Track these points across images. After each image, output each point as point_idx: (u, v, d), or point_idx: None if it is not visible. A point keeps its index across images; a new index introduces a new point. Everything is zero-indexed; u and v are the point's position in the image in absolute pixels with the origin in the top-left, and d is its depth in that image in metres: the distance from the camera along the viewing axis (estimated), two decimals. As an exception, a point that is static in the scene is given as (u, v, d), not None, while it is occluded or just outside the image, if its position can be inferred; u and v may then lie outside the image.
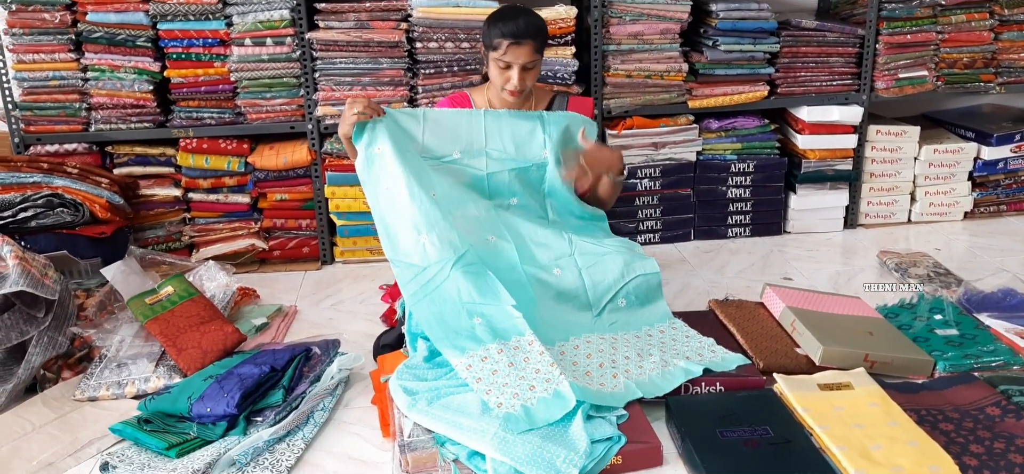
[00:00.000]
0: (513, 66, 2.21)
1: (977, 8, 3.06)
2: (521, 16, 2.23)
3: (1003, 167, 3.21)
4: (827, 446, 1.70)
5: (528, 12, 2.26)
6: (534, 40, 2.21)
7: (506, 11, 2.27)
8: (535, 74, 2.29)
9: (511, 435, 1.69)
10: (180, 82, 2.85)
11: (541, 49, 2.26)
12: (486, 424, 1.72)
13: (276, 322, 2.53)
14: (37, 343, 2.18)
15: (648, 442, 1.75)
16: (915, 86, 3.09)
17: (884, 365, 2.03)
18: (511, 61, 2.21)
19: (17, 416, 2.04)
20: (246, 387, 1.93)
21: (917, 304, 2.37)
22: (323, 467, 1.82)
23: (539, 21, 2.27)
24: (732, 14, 2.94)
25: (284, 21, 2.78)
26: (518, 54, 2.19)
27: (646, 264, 2.26)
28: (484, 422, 1.73)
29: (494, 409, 1.77)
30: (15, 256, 2.26)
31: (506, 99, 2.32)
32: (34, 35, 2.76)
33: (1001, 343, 2.12)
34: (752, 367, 2.04)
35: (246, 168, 2.93)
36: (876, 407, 1.82)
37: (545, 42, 2.29)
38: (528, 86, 2.28)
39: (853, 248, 3.05)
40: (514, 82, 2.23)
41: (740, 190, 3.11)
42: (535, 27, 2.23)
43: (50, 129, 2.86)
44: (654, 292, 2.27)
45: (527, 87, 2.28)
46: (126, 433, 1.91)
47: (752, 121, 3.08)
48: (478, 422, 1.74)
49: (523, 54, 2.20)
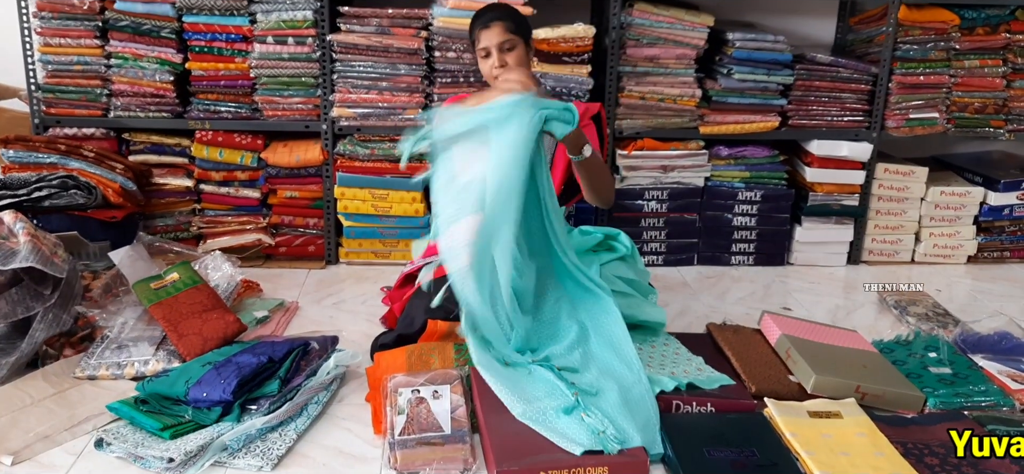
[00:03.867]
0: (491, 51, 2.25)
1: (991, 55, 3.08)
2: (491, 6, 2.34)
3: (1009, 213, 3.22)
4: (812, 471, 1.71)
5: (498, 2, 2.37)
6: (502, 21, 2.25)
7: (479, 9, 2.36)
8: (517, 56, 2.26)
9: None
10: (200, 75, 2.91)
11: (517, 31, 2.26)
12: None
13: (277, 316, 2.56)
14: (42, 319, 2.22)
15: (635, 456, 1.77)
16: (925, 127, 3.10)
17: (875, 398, 2.03)
18: (487, 45, 2.25)
19: (17, 389, 2.08)
20: (243, 375, 1.96)
21: (913, 341, 2.37)
22: (313, 458, 1.84)
23: (508, 6, 2.35)
24: (748, 44, 2.97)
25: (307, 21, 2.84)
26: (489, 36, 2.24)
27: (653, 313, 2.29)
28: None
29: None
30: (27, 233, 2.30)
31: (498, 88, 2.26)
32: (62, 19, 2.83)
33: (992, 384, 2.12)
34: (741, 389, 2.05)
35: (259, 164, 2.98)
36: (863, 437, 1.83)
37: (520, 24, 2.28)
38: (512, 64, 2.25)
39: (855, 284, 3.06)
40: (494, 61, 2.24)
41: (746, 218, 3.13)
42: (503, 9, 2.30)
43: (70, 112, 2.93)
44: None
45: (511, 66, 2.24)
46: (122, 412, 1.93)
47: (762, 151, 3.11)
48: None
49: (495, 34, 2.23)
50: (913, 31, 3.01)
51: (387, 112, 2.94)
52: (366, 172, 2.96)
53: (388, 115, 2.95)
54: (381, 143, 2.96)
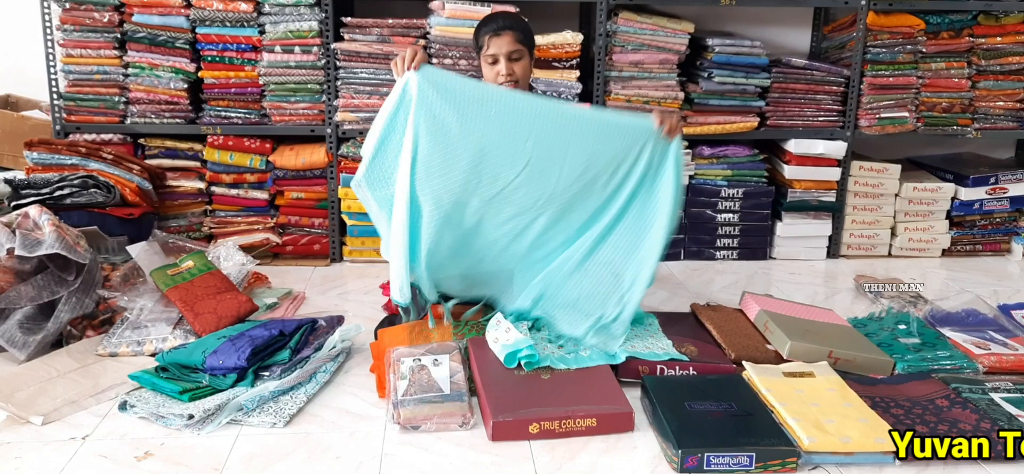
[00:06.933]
0: (499, 58, 2.35)
1: (956, 57, 3.27)
2: (500, 14, 2.45)
3: (979, 208, 3.38)
4: (784, 419, 1.85)
5: (508, 12, 2.46)
6: (513, 30, 2.35)
7: (488, 15, 2.48)
8: (524, 66, 2.40)
9: None
10: (213, 83, 3.08)
11: (525, 42, 2.38)
12: None
13: (285, 303, 2.71)
14: (66, 302, 2.37)
15: (621, 408, 1.91)
16: (896, 126, 3.28)
17: (847, 363, 2.18)
18: (496, 52, 2.35)
19: (44, 363, 2.22)
20: (256, 345, 2.10)
21: (884, 317, 2.52)
22: (322, 418, 1.98)
23: (518, 16, 2.46)
24: (727, 49, 3.16)
25: (312, 31, 3.02)
26: (500, 44, 2.34)
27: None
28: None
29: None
30: (51, 224, 2.46)
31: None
32: (84, 32, 3.01)
33: (958, 350, 2.27)
34: (721, 354, 2.20)
35: (267, 166, 3.15)
36: (833, 392, 1.97)
37: (528, 35, 2.41)
38: (519, 74, 2.38)
39: (834, 275, 3.21)
40: (503, 71, 2.35)
41: (729, 215, 3.30)
42: (514, 18, 2.41)
43: (89, 119, 3.10)
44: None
45: (517, 75, 2.38)
46: (143, 380, 2.07)
47: (743, 150, 3.28)
48: None
49: (505, 43, 2.34)
50: (882, 35, 3.20)
51: (388, 116, 3.11)
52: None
53: (389, 119, 3.12)
54: (383, 146, 3.13)
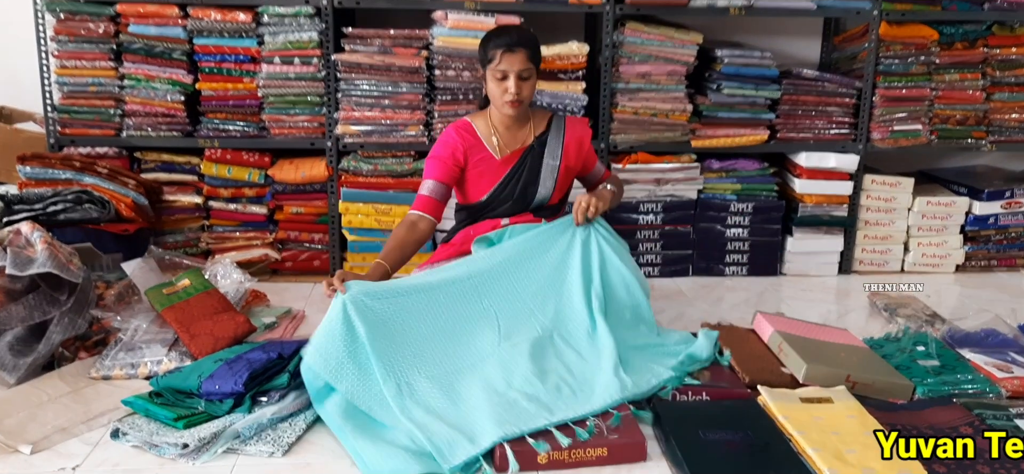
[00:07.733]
0: (509, 75, 2.29)
1: (970, 69, 3.20)
2: (514, 29, 2.37)
3: (994, 222, 3.31)
4: (804, 449, 1.77)
5: (520, 27, 2.38)
6: (526, 49, 2.29)
7: (500, 28, 2.40)
8: (531, 86, 2.35)
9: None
10: (210, 95, 3.01)
11: (534, 59, 2.33)
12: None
13: (284, 322, 2.63)
14: (58, 323, 2.30)
15: (633, 438, 1.84)
16: (909, 139, 3.21)
17: (865, 387, 2.10)
18: (507, 69, 2.29)
19: (34, 387, 2.15)
20: (254, 369, 2.03)
21: (902, 338, 2.44)
22: (322, 446, 1.90)
23: (531, 34, 2.39)
24: (736, 60, 3.09)
25: (312, 42, 2.96)
26: (512, 61, 2.28)
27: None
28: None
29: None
30: (44, 241, 2.39)
31: (506, 113, 2.37)
32: (78, 43, 2.94)
33: (979, 374, 2.19)
34: (735, 379, 2.13)
35: (266, 181, 3.08)
36: (854, 419, 1.90)
37: (538, 54, 2.35)
38: (525, 95, 2.33)
39: (846, 291, 3.14)
40: (511, 90, 2.29)
41: (739, 230, 3.23)
42: (527, 37, 2.34)
43: (84, 132, 3.03)
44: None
45: (524, 96, 2.32)
46: (137, 406, 2.00)
47: (752, 163, 3.21)
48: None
49: (517, 61, 2.28)
50: (894, 46, 3.13)
51: (389, 129, 3.05)
52: (369, 187, 3.05)
53: (390, 132, 3.05)
54: (384, 159, 3.06)
